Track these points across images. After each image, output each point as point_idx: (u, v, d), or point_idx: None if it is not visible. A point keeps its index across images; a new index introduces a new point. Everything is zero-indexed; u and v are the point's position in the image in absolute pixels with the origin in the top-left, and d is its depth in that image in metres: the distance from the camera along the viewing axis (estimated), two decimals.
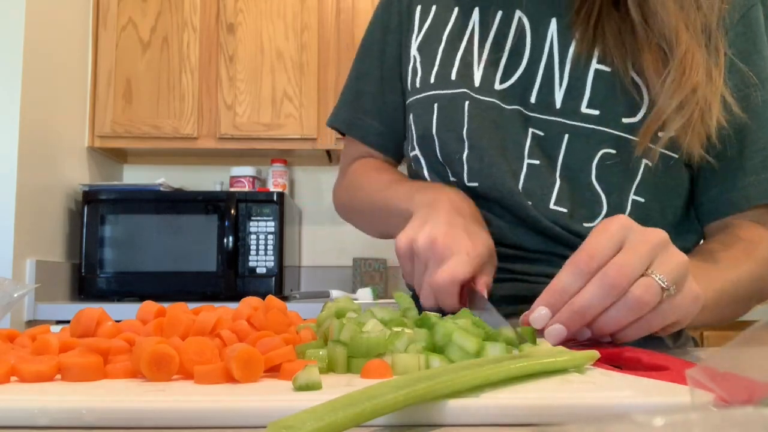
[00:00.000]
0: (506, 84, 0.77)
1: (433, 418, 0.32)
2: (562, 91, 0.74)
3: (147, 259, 2.22)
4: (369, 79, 0.90)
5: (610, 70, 0.73)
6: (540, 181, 0.74)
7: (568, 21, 0.75)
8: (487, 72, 0.77)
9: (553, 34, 0.76)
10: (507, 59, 0.77)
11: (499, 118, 0.76)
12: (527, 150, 0.75)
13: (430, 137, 0.79)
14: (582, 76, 0.74)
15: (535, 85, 0.76)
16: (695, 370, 0.27)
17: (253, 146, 2.45)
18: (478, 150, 0.76)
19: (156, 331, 0.45)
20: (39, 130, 2.09)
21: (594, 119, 0.73)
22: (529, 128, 0.75)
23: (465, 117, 0.77)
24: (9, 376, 0.38)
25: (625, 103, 0.72)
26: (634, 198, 0.74)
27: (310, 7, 2.46)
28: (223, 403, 0.32)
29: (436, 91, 0.79)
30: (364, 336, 0.41)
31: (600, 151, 0.73)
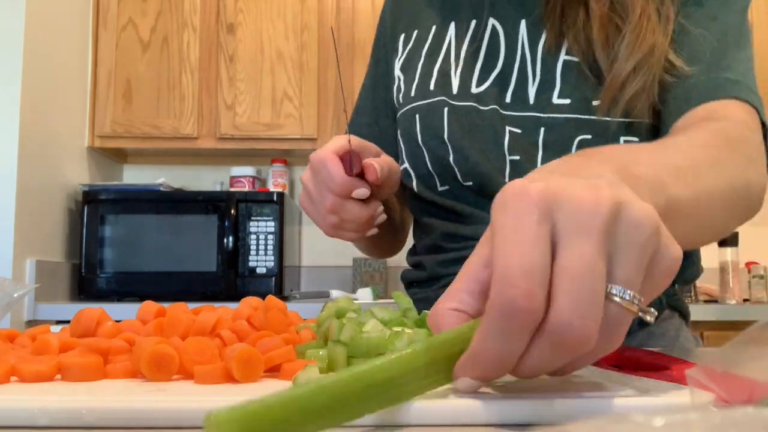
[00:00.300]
0: (482, 87, 0.79)
1: (432, 418, 0.32)
2: (535, 86, 0.76)
3: (147, 259, 2.22)
4: (363, 111, 0.95)
5: (577, 60, 0.74)
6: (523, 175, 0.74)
7: (536, 18, 0.77)
8: (463, 78, 0.80)
9: (523, 35, 0.78)
10: (482, 64, 0.79)
11: (477, 120, 0.78)
12: (507, 147, 0.76)
13: (417, 147, 0.82)
14: (551, 68, 0.75)
15: (510, 85, 0.77)
16: (695, 370, 0.27)
17: (253, 146, 2.45)
18: (461, 151, 0.78)
19: (156, 331, 0.45)
20: (39, 130, 2.09)
21: (565, 108, 0.74)
22: (506, 126, 0.76)
23: (445, 122, 0.79)
24: (9, 376, 0.38)
25: (592, 87, 0.73)
26: None
27: (310, 7, 2.46)
28: (223, 403, 0.32)
29: (416, 103, 0.82)
30: (364, 336, 0.41)
31: (577, 138, 0.74)
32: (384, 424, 0.31)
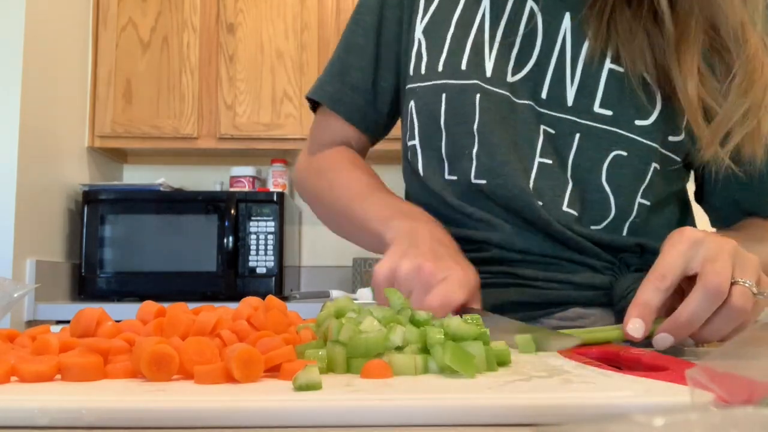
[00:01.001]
0: (518, 76, 0.74)
1: (432, 418, 0.32)
2: (574, 88, 0.72)
3: (147, 259, 2.21)
4: (360, 53, 0.83)
5: (624, 71, 0.71)
6: (551, 181, 0.72)
7: (581, 17, 0.73)
8: (499, 63, 0.74)
9: (566, 29, 0.74)
10: (518, 50, 0.74)
11: (510, 113, 0.73)
12: (539, 148, 0.73)
13: (436, 129, 0.76)
14: (595, 74, 0.72)
15: (546, 80, 0.73)
16: (695, 370, 0.27)
17: (253, 146, 2.45)
18: (489, 146, 0.73)
19: (156, 331, 0.45)
20: (39, 130, 2.09)
21: (607, 120, 0.71)
22: (540, 125, 0.73)
23: (476, 110, 0.73)
24: (9, 376, 0.38)
25: (637, 105, 0.71)
26: (640, 201, 0.73)
27: (310, 7, 2.46)
28: (223, 403, 0.32)
29: (444, 80, 0.75)
30: (363, 336, 0.41)
31: (612, 152, 0.72)
32: (384, 424, 0.31)
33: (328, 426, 0.31)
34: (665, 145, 0.72)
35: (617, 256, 0.73)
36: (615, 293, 0.71)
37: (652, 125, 0.71)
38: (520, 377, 0.38)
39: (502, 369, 0.42)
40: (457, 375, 0.39)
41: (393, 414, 0.31)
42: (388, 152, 1.64)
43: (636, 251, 0.72)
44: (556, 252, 0.72)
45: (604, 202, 0.72)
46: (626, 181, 0.72)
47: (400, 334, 0.42)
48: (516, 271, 0.73)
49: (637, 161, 0.72)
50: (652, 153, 0.72)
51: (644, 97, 0.71)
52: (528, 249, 0.72)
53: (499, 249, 0.73)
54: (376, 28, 0.83)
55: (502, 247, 0.73)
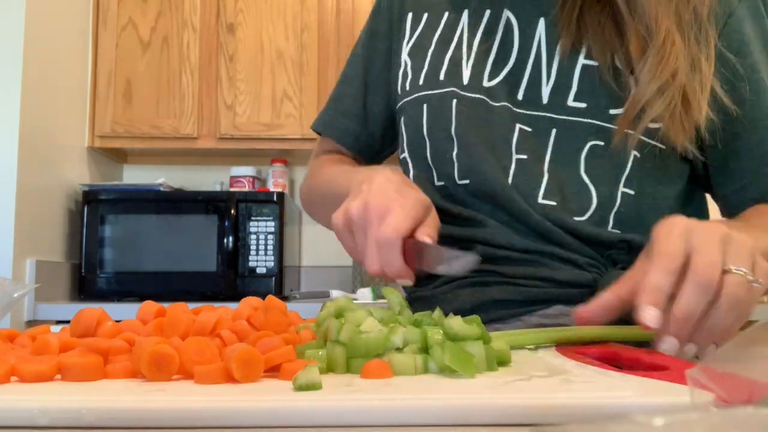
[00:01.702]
0: (494, 81, 0.77)
1: (432, 418, 0.32)
2: (549, 86, 0.75)
3: (147, 259, 2.21)
4: (351, 82, 0.91)
5: (597, 64, 0.73)
6: (528, 175, 0.74)
7: (555, 17, 0.76)
8: (475, 70, 0.78)
9: (541, 33, 0.76)
10: (495, 57, 0.78)
11: (487, 115, 0.76)
12: (515, 145, 0.75)
13: (420, 138, 0.80)
14: (569, 71, 0.74)
15: (522, 83, 0.76)
16: (695, 370, 0.27)
17: (253, 146, 2.45)
18: (466, 147, 0.76)
19: (156, 331, 0.45)
20: (39, 130, 2.09)
21: (581, 112, 0.73)
22: (516, 124, 0.75)
23: (453, 114, 0.77)
24: (9, 376, 0.38)
25: (610, 94, 0.73)
26: (623, 190, 0.74)
27: (310, 7, 2.46)
28: (223, 403, 0.32)
29: (425, 92, 0.80)
30: (363, 336, 0.41)
31: (588, 143, 0.73)
32: (384, 424, 0.31)
33: (328, 426, 0.31)
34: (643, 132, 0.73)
35: (603, 253, 0.73)
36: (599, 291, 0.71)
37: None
38: (520, 377, 0.39)
39: (502, 369, 0.42)
40: (457, 375, 0.39)
41: (393, 414, 0.31)
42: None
43: (622, 248, 0.73)
44: (538, 247, 0.73)
45: (584, 193, 0.74)
46: (605, 170, 0.73)
47: (401, 335, 0.42)
48: (498, 269, 0.74)
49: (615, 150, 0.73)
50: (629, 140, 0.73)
51: (617, 86, 0.72)
52: (511, 244, 0.74)
53: (483, 246, 0.74)
54: (366, 57, 0.91)
55: (486, 244, 0.74)
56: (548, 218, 0.73)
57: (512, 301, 0.72)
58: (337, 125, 0.92)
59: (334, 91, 0.95)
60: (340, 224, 0.65)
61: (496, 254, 0.74)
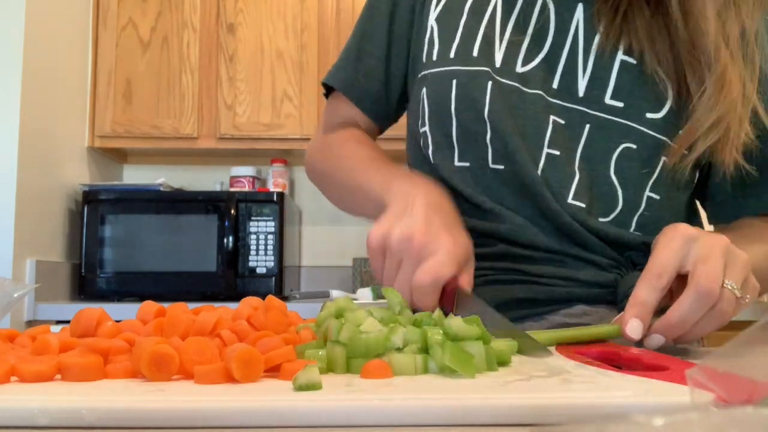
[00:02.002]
0: (528, 67, 0.74)
1: (432, 418, 0.32)
2: (586, 79, 0.73)
3: (147, 259, 2.21)
4: (375, 41, 0.85)
5: (636, 63, 0.72)
6: (558, 172, 0.72)
7: (594, 9, 0.74)
8: (508, 53, 0.75)
9: (578, 20, 0.74)
10: (529, 42, 0.75)
11: (519, 103, 0.73)
12: (548, 138, 0.73)
13: (446, 115, 0.76)
14: (607, 65, 0.72)
15: (557, 71, 0.74)
16: (695, 370, 0.27)
17: (253, 146, 2.45)
18: (500, 133, 0.73)
19: (156, 331, 0.45)
20: (39, 130, 2.09)
21: (618, 111, 0.72)
22: (550, 116, 0.73)
23: (487, 97, 0.73)
24: (9, 376, 0.38)
25: (649, 97, 0.71)
26: (649, 194, 0.73)
27: (310, 7, 2.46)
28: (223, 403, 0.32)
29: (455, 67, 0.76)
30: (363, 336, 0.41)
31: (621, 145, 0.72)
32: (384, 424, 0.31)
33: (328, 426, 0.31)
34: (675, 139, 0.72)
35: (623, 254, 0.73)
36: (619, 291, 0.71)
37: (662, 119, 0.71)
38: (520, 377, 0.39)
39: (502, 369, 0.42)
40: (457, 375, 0.39)
41: (393, 414, 0.31)
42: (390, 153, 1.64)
43: (642, 249, 0.72)
44: (562, 247, 0.72)
45: (611, 195, 0.73)
46: (634, 173, 0.72)
47: (401, 335, 0.42)
48: (521, 267, 0.72)
49: (646, 154, 0.72)
50: (661, 147, 0.72)
51: (656, 90, 0.71)
52: (534, 243, 0.72)
53: (505, 244, 0.73)
54: (390, 16, 0.84)
55: (508, 241, 0.73)
56: (576, 220, 0.71)
57: (535, 300, 0.71)
58: (358, 86, 0.86)
59: (351, 47, 0.87)
60: (376, 245, 0.62)
61: (518, 253, 0.72)
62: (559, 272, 0.72)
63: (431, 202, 0.64)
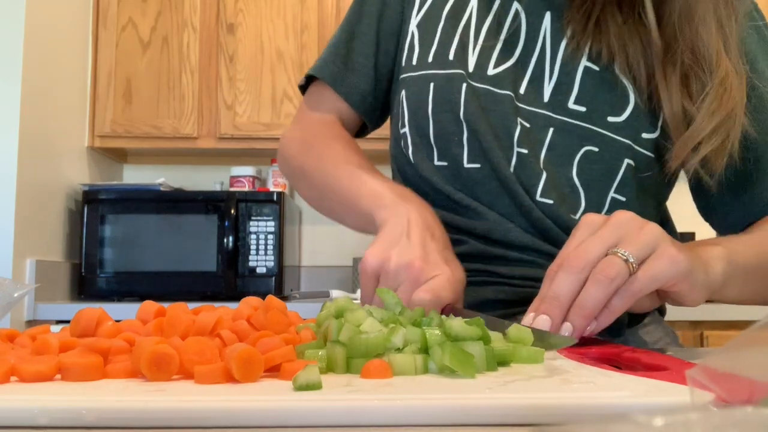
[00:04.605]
0: (498, 69, 0.77)
1: (432, 418, 0.32)
2: (551, 85, 0.75)
3: (147, 259, 2.21)
4: (364, 40, 0.86)
5: (599, 69, 0.74)
6: (528, 170, 0.75)
7: (561, 15, 0.76)
8: (481, 57, 0.77)
9: (546, 28, 0.77)
10: (501, 47, 0.77)
11: (491, 104, 0.76)
12: (516, 138, 0.75)
13: (423, 116, 0.78)
14: (571, 72, 0.75)
15: (525, 76, 0.76)
16: (695, 370, 0.27)
17: (253, 146, 2.45)
18: (476, 133, 0.75)
19: (156, 331, 0.45)
20: (39, 130, 2.09)
21: (580, 115, 0.74)
22: (517, 117, 0.75)
23: (462, 98, 0.76)
24: (9, 376, 0.38)
25: (611, 101, 0.73)
26: (614, 196, 0.75)
27: (310, 7, 2.46)
28: (223, 403, 0.32)
29: (433, 71, 0.78)
30: (363, 337, 0.41)
31: (583, 148, 0.74)
32: (384, 424, 0.31)
33: (328, 426, 0.31)
34: (638, 141, 0.74)
35: None
36: None
37: (624, 121, 0.73)
38: (520, 377, 0.39)
39: (502, 369, 0.42)
40: (456, 375, 0.39)
41: (393, 414, 0.31)
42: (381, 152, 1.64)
43: None
44: (536, 244, 0.73)
45: (574, 196, 0.74)
46: (596, 176, 0.74)
47: (401, 335, 0.42)
48: (493, 269, 0.74)
49: (609, 157, 0.74)
50: (624, 149, 0.73)
51: (618, 94, 0.73)
52: (508, 239, 0.74)
53: (480, 242, 0.74)
54: (379, 17, 0.86)
55: (484, 238, 0.74)
56: (547, 216, 0.73)
57: (508, 301, 0.73)
58: (347, 82, 0.86)
59: (340, 43, 0.87)
60: (371, 271, 0.61)
61: (492, 253, 0.74)
62: (530, 273, 0.73)
63: (426, 225, 0.65)
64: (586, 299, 0.52)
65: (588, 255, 0.53)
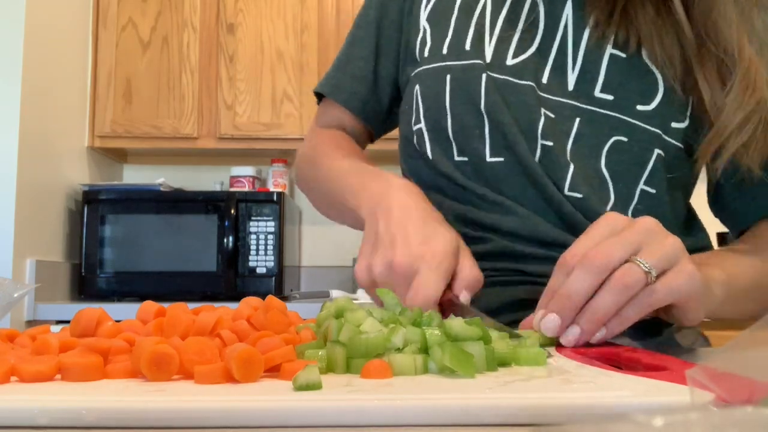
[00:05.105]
0: (518, 59, 0.74)
1: (432, 418, 0.32)
2: (575, 73, 0.73)
3: (147, 259, 2.21)
4: (363, 45, 0.86)
5: (625, 56, 0.72)
6: (554, 163, 0.72)
7: (583, 3, 0.74)
8: (498, 48, 0.75)
9: (568, 15, 0.74)
10: (519, 38, 0.75)
11: (512, 95, 0.73)
12: (541, 130, 0.72)
13: (440, 110, 0.75)
14: (596, 59, 0.72)
15: (547, 65, 0.74)
16: (695, 370, 0.27)
17: (253, 146, 2.45)
18: (498, 125, 0.73)
19: (156, 331, 0.45)
20: (39, 130, 2.09)
21: (607, 104, 0.71)
22: (541, 108, 0.73)
23: (482, 90, 0.74)
24: (9, 376, 0.38)
25: (639, 90, 0.71)
26: (643, 188, 0.72)
27: (310, 7, 2.46)
28: (223, 403, 0.32)
29: (448, 62, 0.76)
30: (363, 337, 0.41)
31: (612, 138, 0.71)
32: (384, 424, 0.31)
33: (328, 426, 0.31)
34: (668, 131, 0.71)
35: None
36: None
37: (654, 110, 0.71)
38: (520, 377, 0.38)
39: (502, 369, 0.42)
40: (457, 375, 0.39)
41: (393, 414, 0.31)
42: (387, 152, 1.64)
43: None
44: (566, 240, 0.71)
45: (603, 188, 0.72)
46: (625, 167, 0.72)
47: (402, 335, 0.42)
48: (523, 267, 0.71)
49: (638, 147, 0.71)
50: (654, 139, 0.71)
51: (646, 82, 0.71)
52: (536, 235, 0.71)
53: (507, 240, 0.72)
54: (377, 19, 0.86)
55: (511, 235, 0.72)
56: (578, 210, 0.71)
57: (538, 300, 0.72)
58: (346, 88, 0.86)
59: (342, 54, 0.89)
60: (365, 281, 0.61)
61: (520, 252, 0.72)
62: None
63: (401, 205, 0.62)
64: (599, 305, 0.50)
65: (610, 258, 0.50)
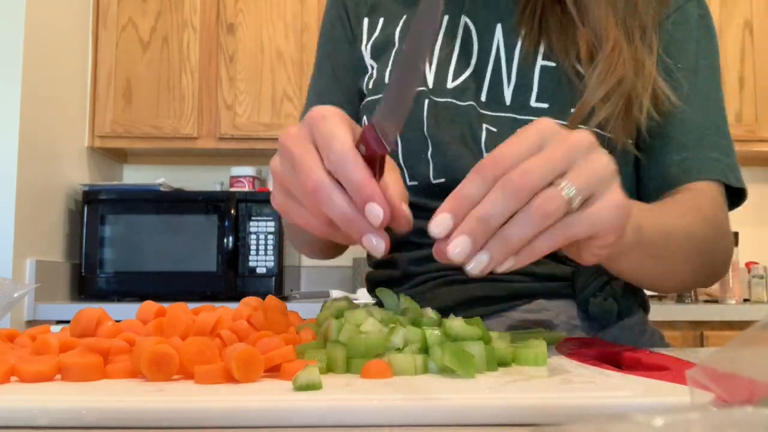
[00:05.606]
0: (458, 81, 0.78)
1: (432, 418, 0.32)
2: (511, 87, 0.76)
3: (147, 259, 2.21)
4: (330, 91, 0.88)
5: (555, 65, 0.75)
6: None
7: (513, 23, 0.78)
8: (438, 74, 0.79)
9: (499, 39, 0.78)
10: (456, 63, 0.79)
11: (455, 115, 0.77)
12: (484, 143, 0.75)
13: None
14: (528, 72, 0.76)
15: (484, 85, 0.77)
16: (695, 370, 0.27)
17: (253, 146, 2.45)
18: (440, 145, 0.76)
19: (156, 331, 0.45)
20: (39, 130, 2.09)
21: (543, 112, 0.74)
22: (483, 124, 0.76)
23: (425, 115, 0.77)
24: (9, 376, 0.38)
25: (571, 95, 0.74)
26: None
27: (310, 7, 2.46)
28: (223, 403, 0.32)
29: None
30: (363, 337, 0.41)
31: None
32: (384, 424, 0.31)
33: (328, 426, 0.31)
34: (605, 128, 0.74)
35: None
36: (576, 284, 0.73)
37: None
38: (520, 377, 0.39)
39: (502, 369, 0.42)
40: (457, 375, 0.39)
41: (393, 414, 0.31)
42: None
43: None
44: None
45: None
46: None
47: (401, 336, 0.42)
48: None
49: None
50: None
51: (575, 88, 0.74)
52: None
53: None
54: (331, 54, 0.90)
55: None
56: None
57: (495, 297, 0.73)
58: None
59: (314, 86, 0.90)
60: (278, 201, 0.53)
61: None
62: None
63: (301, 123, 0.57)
64: (514, 233, 0.44)
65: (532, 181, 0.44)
